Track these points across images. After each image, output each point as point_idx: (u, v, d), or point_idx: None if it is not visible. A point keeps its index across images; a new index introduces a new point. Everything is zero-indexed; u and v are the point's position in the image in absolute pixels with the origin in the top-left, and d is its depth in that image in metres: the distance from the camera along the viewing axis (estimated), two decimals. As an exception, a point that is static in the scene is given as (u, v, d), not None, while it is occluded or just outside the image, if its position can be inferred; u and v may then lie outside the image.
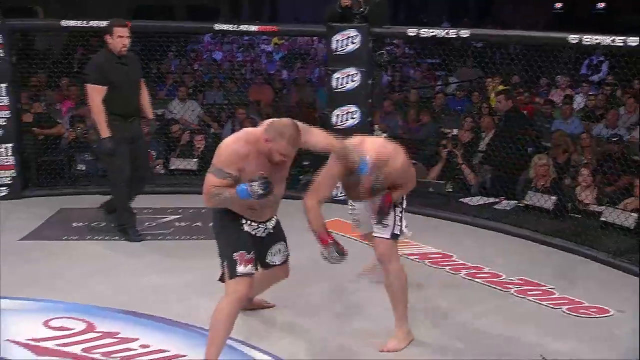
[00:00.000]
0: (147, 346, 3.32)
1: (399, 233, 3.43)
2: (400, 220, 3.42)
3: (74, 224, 5.24)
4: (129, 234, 4.87)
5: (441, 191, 5.98)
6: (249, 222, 3.13)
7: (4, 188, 5.85)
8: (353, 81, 5.71)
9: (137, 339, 3.38)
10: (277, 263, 3.34)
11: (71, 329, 3.46)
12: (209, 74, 9.45)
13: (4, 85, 5.73)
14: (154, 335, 3.43)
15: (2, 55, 5.69)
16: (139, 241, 4.85)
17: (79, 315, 3.59)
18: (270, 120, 3.09)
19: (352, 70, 5.69)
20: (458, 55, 7.24)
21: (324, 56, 10.24)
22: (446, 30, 5.47)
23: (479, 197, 5.85)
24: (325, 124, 6.01)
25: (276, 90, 8.74)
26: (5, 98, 5.73)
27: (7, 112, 5.77)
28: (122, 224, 4.91)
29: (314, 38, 11.07)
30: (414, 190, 3.60)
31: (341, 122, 5.81)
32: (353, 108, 5.76)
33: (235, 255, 3.04)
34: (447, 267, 4.46)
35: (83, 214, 5.42)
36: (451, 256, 4.64)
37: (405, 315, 3.41)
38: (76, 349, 3.27)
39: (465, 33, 5.32)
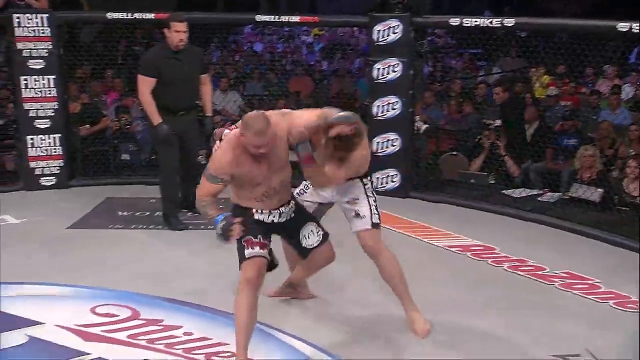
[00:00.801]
0: (190, 334, 3.36)
1: (379, 222, 3.35)
2: (377, 208, 3.35)
3: (119, 213, 5.34)
4: (172, 223, 4.94)
5: (483, 183, 5.92)
6: (259, 211, 3.15)
7: (52, 177, 6.01)
8: (394, 72, 5.67)
9: (180, 327, 3.43)
10: (315, 245, 3.27)
11: (117, 316, 3.53)
12: (250, 65, 9.50)
13: (52, 77, 5.86)
14: (197, 324, 3.47)
15: (50, 47, 5.83)
16: (181, 230, 4.92)
17: (124, 302, 3.66)
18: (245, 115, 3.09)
19: (393, 61, 5.65)
20: (501, 44, 7.12)
21: (364, 47, 10.21)
22: (490, 19, 5.37)
23: (522, 189, 5.76)
24: (366, 115, 5.99)
25: (316, 81, 8.75)
26: (53, 89, 5.86)
27: (54, 103, 5.91)
28: (166, 213, 4.98)
29: (355, 28, 11.01)
30: (456, 182, 3.56)
31: (382, 113, 5.77)
32: (394, 99, 5.73)
33: (243, 241, 3.07)
34: (489, 260, 4.40)
35: (128, 203, 5.53)
36: (493, 249, 4.58)
37: (410, 296, 3.40)
38: (122, 336, 3.33)
39: (510, 22, 5.22)
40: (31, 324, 3.42)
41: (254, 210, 3.14)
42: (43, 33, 5.79)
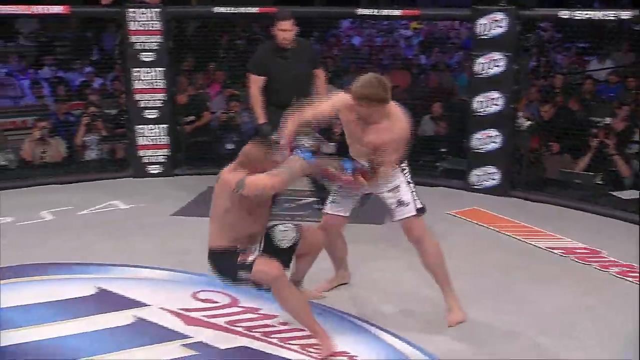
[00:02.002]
0: (286, 324, 3.40)
1: (422, 206, 3.34)
2: (417, 195, 3.34)
3: (220, 202, 5.50)
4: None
5: (590, 183, 5.65)
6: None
7: (159, 166, 6.28)
8: (497, 66, 5.51)
9: (276, 316, 3.47)
10: (291, 243, 3.28)
11: (217, 302, 3.64)
12: (347, 59, 9.51)
13: (161, 69, 6.12)
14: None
15: (160, 40, 6.08)
16: None
17: (224, 289, 3.74)
18: None
19: (496, 55, 5.49)
20: (611, 38, 6.76)
21: (465, 40, 9.98)
22: (603, 12, 5.11)
23: (632, 190, 5.45)
24: (465, 111, 5.87)
25: (414, 75, 8.63)
26: (162, 81, 6.12)
27: (163, 94, 6.17)
28: None
29: (455, 21, 10.78)
30: (559, 182, 3.42)
31: (483, 109, 5.63)
32: (496, 94, 5.57)
33: (238, 260, 3.11)
34: (596, 264, 4.21)
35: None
36: (599, 252, 4.37)
37: (451, 285, 3.40)
38: (221, 321, 3.43)
39: (626, 14, 4.94)
40: (138, 306, 3.60)
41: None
42: (154, 27, 6.06)
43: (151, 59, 6.08)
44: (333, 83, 8.06)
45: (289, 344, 3.21)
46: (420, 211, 3.36)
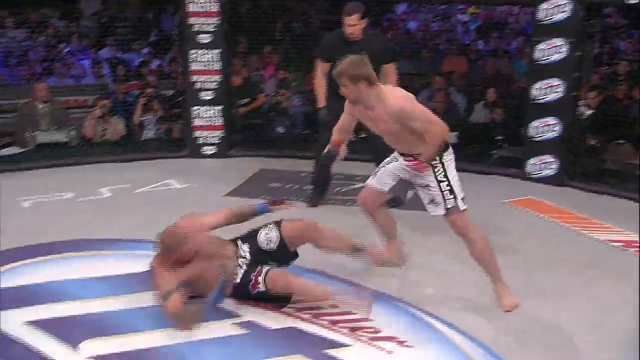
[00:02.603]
0: (335, 306, 3.38)
1: (455, 205, 3.33)
2: (452, 192, 3.32)
3: (271, 184, 5.57)
4: (311, 199, 5.05)
5: (651, 175, 5.45)
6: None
7: (213, 147, 6.37)
8: (559, 53, 5.36)
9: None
10: (277, 242, 3.48)
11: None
12: (401, 44, 9.40)
13: (217, 51, 6.18)
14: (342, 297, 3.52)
15: (217, 22, 6.13)
16: (313, 206, 5.00)
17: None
18: None
19: (558, 41, 5.33)
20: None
21: (525, 26, 9.73)
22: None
23: (699, 184, 5.24)
24: (523, 98, 5.74)
25: (471, 61, 8.48)
26: (217, 63, 6.19)
27: (218, 76, 6.24)
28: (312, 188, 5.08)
29: (514, 7, 10.50)
30: (620, 173, 3.31)
31: (542, 96, 5.50)
32: (556, 81, 5.42)
33: (253, 292, 3.32)
34: (656, 259, 4.07)
35: (280, 176, 5.73)
36: (660, 247, 4.23)
37: (500, 275, 3.40)
38: (271, 302, 3.47)
39: None
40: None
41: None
42: (211, 9, 6.11)
43: (208, 40, 6.15)
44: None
45: (338, 326, 3.22)
46: (451, 211, 3.33)
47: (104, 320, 3.24)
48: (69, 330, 3.12)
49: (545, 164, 5.61)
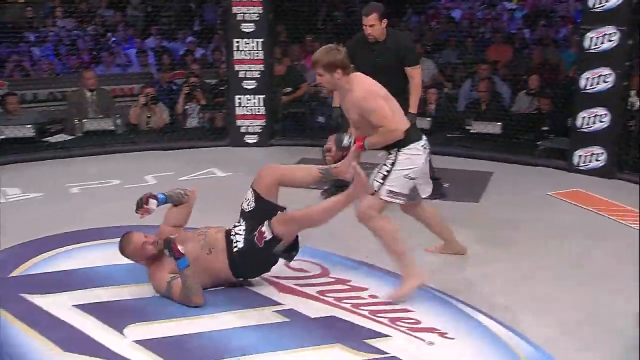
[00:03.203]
0: (376, 297, 3.42)
1: (377, 190, 3.36)
2: (384, 178, 3.37)
3: (313, 174, 5.56)
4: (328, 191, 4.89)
5: None
6: None
7: (255, 136, 6.42)
8: (610, 41, 5.21)
9: (366, 289, 3.50)
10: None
11: (308, 272, 3.70)
12: (446, 33, 9.27)
13: (260, 40, 6.21)
14: (382, 288, 3.52)
15: (261, 12, 6.15)
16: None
17: (315, 259, 3.82)
18: None
19: (609, 29, 5.19)
20: None
21: (574, 13, 9.48)
22: None
23: None
24: (571, 87, 5.61)
25: (517, 50, 8.31)
26: (260, 52, 6.22)
27: (261, 65, 6.26)
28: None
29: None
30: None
31: (591, 86, 5.36)
32: (606, 71, 5.28)
33: (259, 246, 3.31)
34: None
35: (320, 165, 5.71)
36: None
37: (406, 264, 3.37)
38: (312, 291, 3.48)
39: None
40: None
41: None
42: (255, -2, 6.14)
43: (251, 29, 6.17)
44: (431, 57, 7.94)
45: (378, 316, 3.21)
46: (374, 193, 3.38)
47: (149, 306, 3.30)
48: (114, 315, 3.19)
49: (593, 156, 5.47)
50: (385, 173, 3.40)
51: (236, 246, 3.35)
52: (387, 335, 3.05)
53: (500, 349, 2.97)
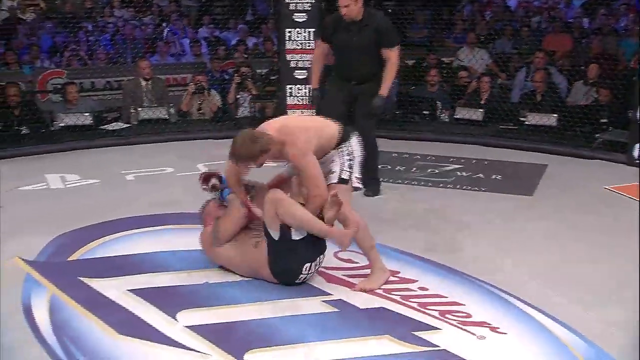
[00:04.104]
0: (425, 289, 3.39)
1: (348, 179, 3.38)
2: (351, 167, 3.40)
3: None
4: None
5: None
6: None
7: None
8: (675, 30, 5.00)
9: (415, 281, 3.48)
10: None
11: (356, 263, 3.68)
12: (501, 22, 9.07)
13: (312, 30, 6.20)
14: (432, 280, 3.50)
15: (313, 1, 6.14)
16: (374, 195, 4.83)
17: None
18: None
19: (675, 18, 4.97)
20: None
21: (635, 2, 9.13)
22: None
23: None
24: (632, 78, 5.42)
25: (575, 39, 8.07)
26: (312, 42, 6.21)
27: (312, 55, 6.24)
28: None
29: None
30: None
31: (653, 76, 5.16)
32: (670, 61, 5.07)
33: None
34: None
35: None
36: None
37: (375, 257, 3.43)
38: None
39: None
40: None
41: None
42: (308, -13, 6.13)
43: (303, 19, 6.17)
44: (485, 47, 7.79)
45: (428, 309, 3.18)
46: (343, 181, 3.37)
47: (201, 293, 3.35)
48: (167, 300, 3.25)
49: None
50: (349, 162, 3.44)
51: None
52: (436, 328, 3.02)
53: (555, 347, 2.90)
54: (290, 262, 3.32)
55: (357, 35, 4.52)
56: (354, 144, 3.48)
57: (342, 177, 3.43)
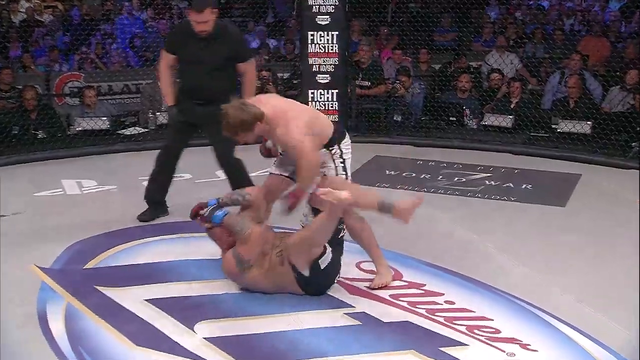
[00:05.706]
0: (452, 303, 3.28)
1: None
2: (345, 169, 3.40)
3: (387, 172, 5.44)
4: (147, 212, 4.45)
5: None
6: None
7: (327, 131, 6.31)
8: None
9: (442, 294, 3.36)
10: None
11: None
12: (533, 24, 8.85)
13: (335, 33, 6.09)
14: (459, 293, 3.38)
15: (336, 3, 6.03)
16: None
17: (389, 262, 3.67)
18: None
19: None
20: None
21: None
22: None
23: None
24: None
25: (612, 43, 7.84)
26: (335, 45, 6.10)
27: (335, 59, 6.15)
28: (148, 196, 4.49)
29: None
30: None
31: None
32: None
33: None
34: None
35: (396, 163, 5.60)
36: None
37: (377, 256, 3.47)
38: (384, 294, 3.36)
39: None
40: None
41: None
42: (332, -10, 6.04)
43: (326, 22, 6.07)
44: (515, 51, 7.60)
45: (455, 323, 3.06)
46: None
47: (220, 303, 3.26)
48: (185, 311, 3.16)
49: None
50: (342, 165, 3.42)
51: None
52: (464, 344, 2.90)
53: (587, 364, 2.77)
54: (324, 285, 3.35)
55: (211, 49, 4.05)
56: (344, 147, 3.44)
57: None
